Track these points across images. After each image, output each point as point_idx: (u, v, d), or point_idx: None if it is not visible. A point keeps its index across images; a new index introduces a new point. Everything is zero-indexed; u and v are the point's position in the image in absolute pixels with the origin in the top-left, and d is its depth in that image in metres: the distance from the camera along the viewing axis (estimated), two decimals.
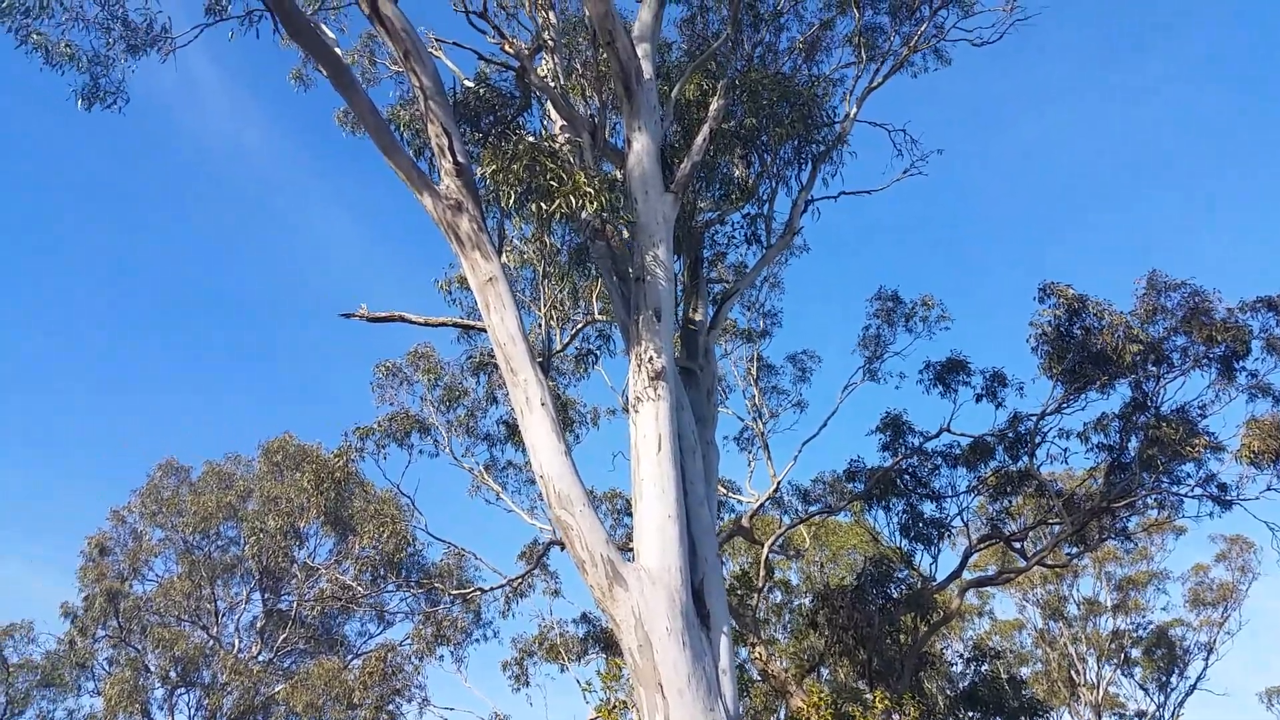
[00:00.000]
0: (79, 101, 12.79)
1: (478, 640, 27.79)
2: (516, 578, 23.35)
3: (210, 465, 34.65)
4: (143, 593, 33.35)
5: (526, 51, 13.50)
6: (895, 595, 19.53)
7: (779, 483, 21.69)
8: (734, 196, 15.32)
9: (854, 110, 14.72)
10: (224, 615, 33.63)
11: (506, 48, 13.23)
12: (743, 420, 23.87)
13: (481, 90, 13.49)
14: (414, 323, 12.81)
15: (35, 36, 12.21)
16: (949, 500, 20.86)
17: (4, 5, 11.52)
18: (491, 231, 10.86)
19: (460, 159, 10.30)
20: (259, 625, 33.58)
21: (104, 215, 66.75)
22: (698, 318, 14.59)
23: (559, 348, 18.25)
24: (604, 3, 11.08)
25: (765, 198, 15.45)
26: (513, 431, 21.66)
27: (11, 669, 32.21)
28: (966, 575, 22.70)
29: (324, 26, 11.90)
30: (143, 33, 12.53)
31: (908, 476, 20.57)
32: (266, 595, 33.74)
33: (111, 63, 12.64)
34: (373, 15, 10.10)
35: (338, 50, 11.18)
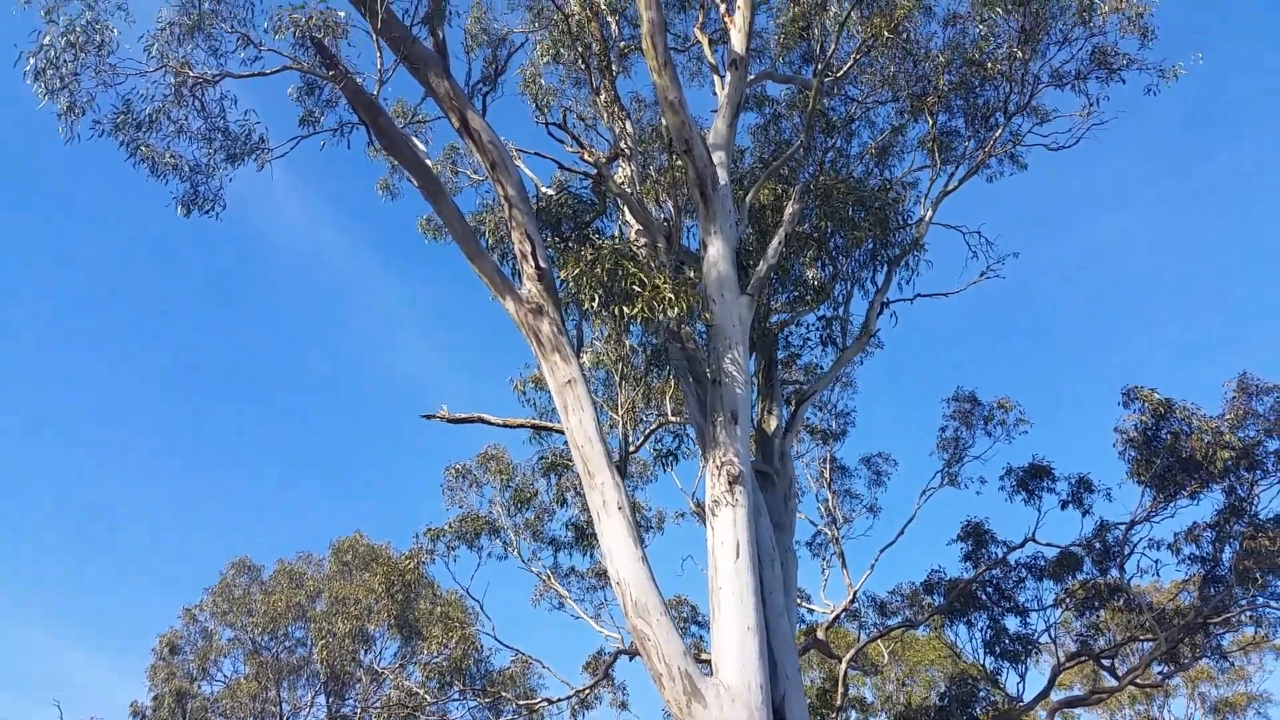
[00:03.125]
0: (179, 208, 13.34)
1: None
2: (583, 689, 22.81)
3: (282, 564, 34.88)
4: (210, 693, 33.26)
5: (604, 159, 13.86)
6: (979, 716, 18.62)
7: (855, 593, 21.05)
8: (808, 298, 15.31)
9: (929, 214, 14.73)
10: (289, 718, 33.32)
11: (585, 156, 13.59)
12: (815, 525, 23.36)
13: (561, 197, 13.83)
14: (493, 424, 12.90)
15: (144, 149, 12.87)
16: (1035, 614, 20.03)
17: (119, 120, 12.20)
18: (570, 334, 10.97)
19: (542, 264, 10.49)
20: None
21: (178, 313, 68.98)
22: (772, 420, 14.43)
23: (632, 449, 18.18)
24: (681, 114, 11.35)
25: (840, 300, 15.41)
26: (580, 535, 21.47)
27: None
28: (1054, 695, 21.58)
29: (414, 140, 12.36)
30: (241, 142, 13.07)
31: (990, 589, 19.85)
32: (331, 700, 33.41)
33: (211, 171, 13.21)
34: (462, 129, 10.46)
35: (428, 162, 11.59)
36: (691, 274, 12.53)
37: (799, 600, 23.43)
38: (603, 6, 14.87)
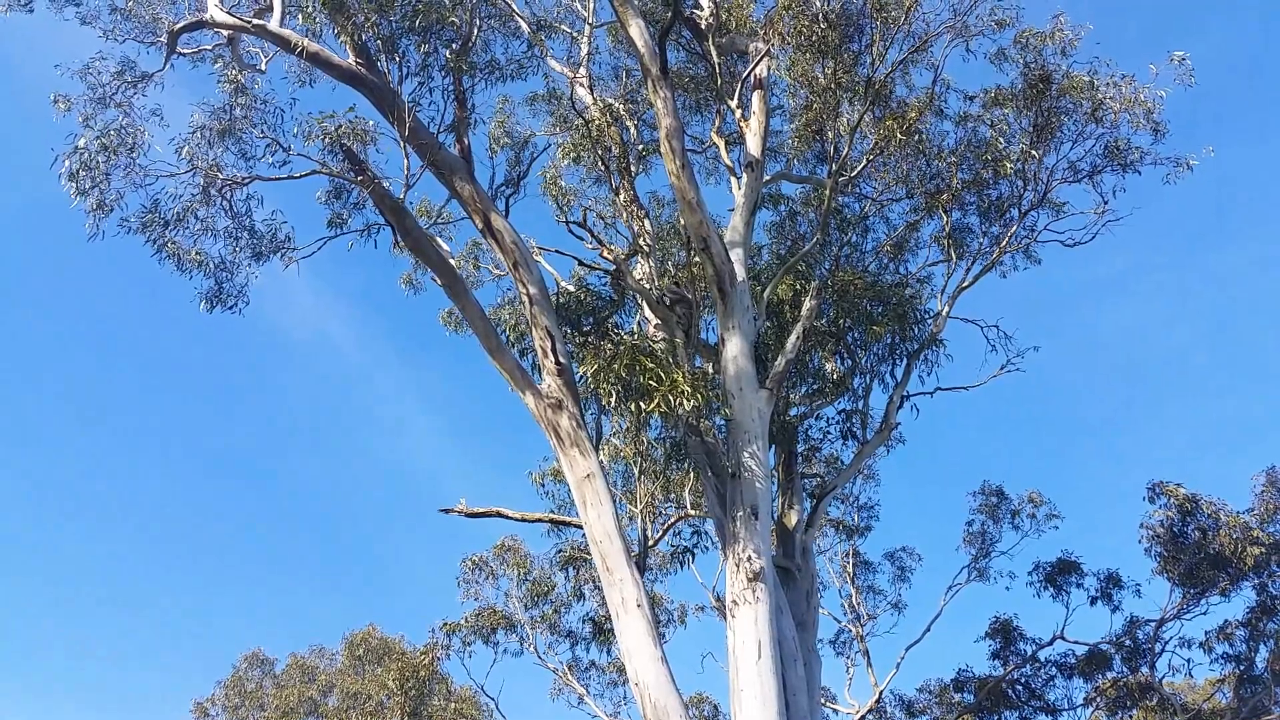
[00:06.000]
0: (202, 304, 13.53)
1: None
2: None
3: (294, 657, 34.39)
4: None
5: (623, 256, 14.07)
6: None
7: (881, 692, 20.54)
8: (827, 392, 15.31)
9: (946, 309, 14.77)
10: None
11: (605, 254, 13.80)
12: (839, 621, 22.91)
13: (580, 293, 14.03)
14: (511, 518, 12.87)
15: (170, 246, 13.12)
16: (1064, 714, 19.50)
17: (147, 219, 12.51)
18: (589, 428, 11.01)
19: (562, 359, 10.60)
20: None
21: (191, 403, 69.21)
22: (793, 514, 14.29)
23: (651, 543, 18.02)
24: (698, 213, 11.56)
25: (860, 393, 15.37)
26: (598, 629, 21.14)
27: None
28: None
29: (438, 240, 12.61)
30: (267, 241, 13.28)
31: (1020, 687, 19.38)
32: None
33: (236, 268, 13.42)
34: (486, 230, 10.72)
35: (451, 261, 11.81)
36: (710, 368, 12.59)
37: (823, 700, 22.82)
38: (622, 112, 15.29)
